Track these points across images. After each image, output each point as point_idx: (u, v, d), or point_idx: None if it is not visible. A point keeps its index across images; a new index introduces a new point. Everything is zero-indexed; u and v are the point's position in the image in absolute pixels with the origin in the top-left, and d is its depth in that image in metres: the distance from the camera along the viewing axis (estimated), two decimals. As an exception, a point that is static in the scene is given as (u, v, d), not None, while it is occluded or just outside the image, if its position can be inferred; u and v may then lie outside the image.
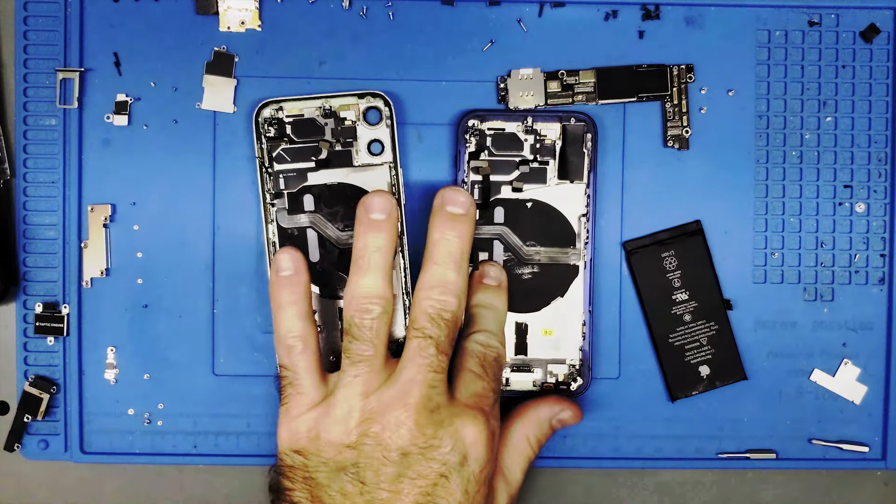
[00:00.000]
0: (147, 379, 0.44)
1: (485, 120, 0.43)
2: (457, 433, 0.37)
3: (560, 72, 0.43)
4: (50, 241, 0.44)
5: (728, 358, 0.44)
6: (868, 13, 0.44)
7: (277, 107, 0.43)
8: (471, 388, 0.39)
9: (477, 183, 0.43)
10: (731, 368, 0.44)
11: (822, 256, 0.45)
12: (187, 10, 0.43)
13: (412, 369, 0.38)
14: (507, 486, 0.41)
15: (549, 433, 0.42)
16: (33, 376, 0.44)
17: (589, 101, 0.43)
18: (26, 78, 0.43)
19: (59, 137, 0.44)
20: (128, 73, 0.44)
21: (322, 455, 0.38)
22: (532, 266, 0.44)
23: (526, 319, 0.44)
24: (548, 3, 0.44)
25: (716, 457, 0.45)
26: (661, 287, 0.44)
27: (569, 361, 0.44)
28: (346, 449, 0.37)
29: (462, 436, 0.37)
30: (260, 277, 0.44)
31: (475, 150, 0.43)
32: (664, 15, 0.44)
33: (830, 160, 0.45)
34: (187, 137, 0.44)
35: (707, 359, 0.44)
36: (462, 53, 0.44)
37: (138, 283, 0.44)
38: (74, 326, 0.44)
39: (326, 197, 0.43)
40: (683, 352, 0.44)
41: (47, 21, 0.43)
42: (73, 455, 0.44)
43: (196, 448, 0.45)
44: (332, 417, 0.38)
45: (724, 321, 0.44)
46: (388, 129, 0.43)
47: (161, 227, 0.44)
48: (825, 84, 0.44)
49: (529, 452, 0.41)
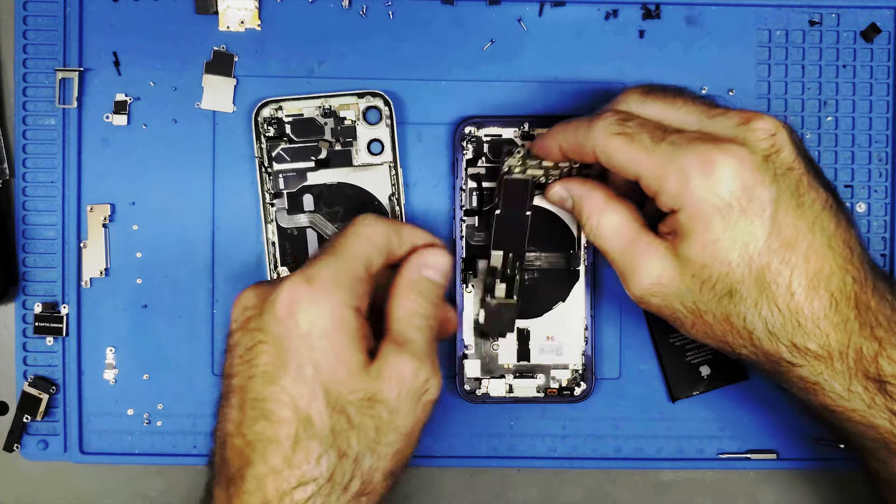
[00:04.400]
0: (147, 379, 0.44)
1: (481, 126, 0.43)
2: (265, 298, 0.35)
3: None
4: (49, 241, 0.44)
5: (729, 358, 0.44)
6: (869, 13, 0.44)
7: (277, 106, 0.43)
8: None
9: (475, 190, 0.43)
10: (731, 368, 0.44)
11: (822, 256, 0.45)
12: (187, 10, 0.43)
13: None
14: (399, 347, 0.35)
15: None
16: (33, 376, 0.44)
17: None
18: (26, 78, 0.43)
19: (58, 137, 0.43)
20: (127, 73, 0.44)
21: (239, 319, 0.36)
22: (533, 272, 0.44)
23: (528, 325, 0.44)
24: (548, 3, 0.44)
25: (717, 457, 0.45)
26: (661, 287, 0.44)
27: (571, 366, 0.44)
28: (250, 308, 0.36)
29: (270, 299, 0.34)
30: (260, 277, 0.44)
31: (472, 156, 0.43)
32: (664, 14, 0.44)
33: (831, 160, 0.44)
34: (187, 137, 0.44)
35: (708, 359, 0.44)
36: (462, 53, 0.44)
37: (138, 283, 0.44)
38: (74, 326, 0.44)
39: (326, 197, 0.43)
40: (684, 352, 0.44)
41: (47, 21, 0.43)
42: (72, 455, 0.44)
43: (196, 448, 0.44)
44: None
45: (725, 321, 0.44)
46: (387, 128, 0.43)
47: (161, 227, 0.44)
48: (826, 84, 0.44)
49: (425, 300, 0.37)
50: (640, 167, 0.35)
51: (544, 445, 0.45)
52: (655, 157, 0.34)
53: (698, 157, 0.33)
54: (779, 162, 0.34)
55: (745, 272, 0.34)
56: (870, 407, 0.35)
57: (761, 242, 0.34)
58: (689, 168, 0.33)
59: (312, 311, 0.34)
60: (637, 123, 0.35)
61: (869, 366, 0.34)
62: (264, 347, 0.34)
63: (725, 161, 0.33)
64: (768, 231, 0.34)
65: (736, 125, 0.34)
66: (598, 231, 0.37)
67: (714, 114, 0.35)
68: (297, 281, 0.34)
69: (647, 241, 0.36)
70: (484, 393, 0.44)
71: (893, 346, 0.34)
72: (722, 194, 0.33)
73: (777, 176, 0.34)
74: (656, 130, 0.35)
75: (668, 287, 0.36)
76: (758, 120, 0.34)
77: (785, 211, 0.34)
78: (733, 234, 0.34)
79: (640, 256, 0.36)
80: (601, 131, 0.35)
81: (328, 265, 0.35)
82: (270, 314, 0.34)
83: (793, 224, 0.34)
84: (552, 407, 0.44)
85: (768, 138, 0.34)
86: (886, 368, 0.34)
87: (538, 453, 0.45)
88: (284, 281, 0.35)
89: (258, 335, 0.34)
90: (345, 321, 0.34)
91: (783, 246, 0.34)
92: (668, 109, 0.36)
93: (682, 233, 0.35)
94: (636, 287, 0.36)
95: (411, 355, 0.35)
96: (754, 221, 0.33)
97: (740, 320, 0.35)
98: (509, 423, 0.45)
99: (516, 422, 0.45)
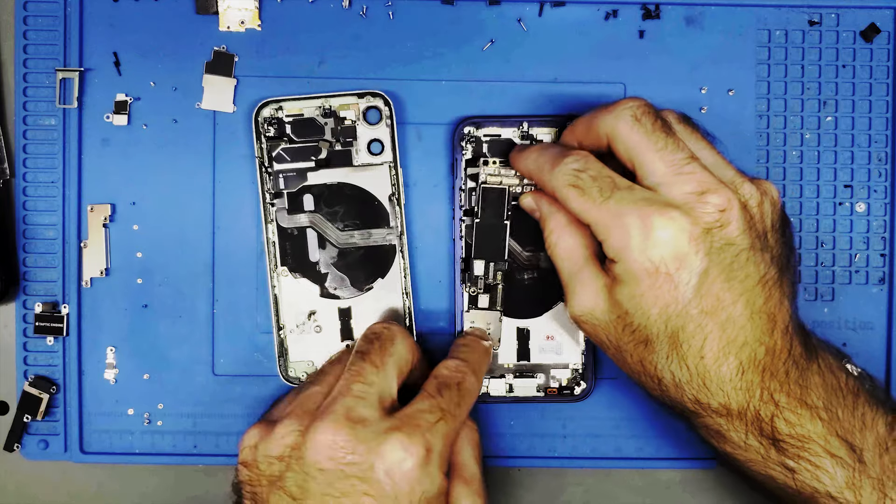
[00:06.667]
0: (147, 379, 0.44)
1: (480, 126, 0.43)
2: (378, 450, 0.35)
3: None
4: (50, 241, 0.44)
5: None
6: (868, 13, 0.44)
7: (277, 106, 0.43)
8: (414, 406, 0.37)
9: (473, 190, 0.43)
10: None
11: (822, 256, 0.45)
12: (187, 10, 0.43)
13: (342, 383, 0.37)
14: (467, 485, 0.38)
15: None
16: (33, 376, 0.44)
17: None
18: (26, 78, 0.43)
19: (58, 137, 0.44)
20: (127, 73, 0.44)
21: (259, 467, 0.37)
22: (532, 271, 0.44)
23: (527, 325, 0.44)
24: (548, 3, 0.44)
25: (717, 457, 0.45)
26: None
27: (571, 366, 0.44)
28: (276, 461, 0.37)
29: (382, 452, 0.35)
30: (260, 277, 0.44)
31: (472, 157, 0.43)
32: (664, 14, 0.44)
33: (831, 160, 0.45)
34: (187, 137, 0.44)
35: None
36: (462, 53, 0.44)
37: (138, 283, 0.44)
38: (74, 326, 0.44)
39: (326, 196, 0.43)
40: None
41: (47, 21, 0.43)
42: (72, 455, 0.44)
43: (196, 448, 0.44)
44: (274, 431, 0.37)
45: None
46: (387, 128, 0.43)
47: (161, 226, 0.44)
48: (825, 84, 0.44)
49: (474, 436, 0.40)
50: (590, 217, 0.37)
51: (544, 445, 0.45)
52: (603, 211, 0.36)
53: (639, 218, 0.35)
54: (719, 236, 0.36)
55: (661, 328, 0.36)
56: (764, 459, 0.37)
57: (680, 306, 0.36)
58: (629, 227, 0.36)
59: (426, 482, 0.36)
60: (590, 176, 0.37)
61: (765, 426, 0.36)
62: (367, 500, 0.35)
63: (663, 226, 0.35)
64: (689, 298, 0.35)
65: (690, 192, 0.36)
66: (554, 250, 0.39)
67: (682, 172, 0.36)
68: (418, 447, 0.35)
69: (590, 273, 0.38)
70: (484, 392, 0.44)
71: (791, 410, 0.36)
72: (653, 257, 0.35)
73: (713, 249, 0.35)
74: (607, 185, 0.37)
75: (597, 319, 0.38)
76: (712, 194, 0.36)
77: (712, 282, 0.35)
78: (656, 294, 0.36)
79: (581, 285, 0.38)
80: (559, 178, 0.38)
81: (444, 437, 0.37)
82: (382, 468, 0.35)
83: (717, 295, 0.35)
84: (552, 407, 0.44)
85: (716, 213, 0.36)
86: (783, 429, 0.36)
87: (538, 453, 0.45)
88: (401, 441, 0.35)
89: (363, 485, 0.35)
90: (443, 490, 0.37)
91: (702, 313, 0.36)
92: (652, 143, 0.37)
93: (617, 279, 0.37)
94: (571, 310, 0.39)
95: (479, 495, 0.38)
96: (679, 287, 0.35)
97: (652, 367, 0.37)
98: (509, 422, 0.45)
99: (516, 421, 0.45)
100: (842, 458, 0.36)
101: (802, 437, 0.36)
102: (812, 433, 0.36)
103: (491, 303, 0.43)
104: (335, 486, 0.35)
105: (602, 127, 0.38)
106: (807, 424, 0.36)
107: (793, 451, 0.36)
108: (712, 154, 0.38)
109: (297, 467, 0.36)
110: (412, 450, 0.35)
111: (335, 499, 0.35)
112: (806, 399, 0.36)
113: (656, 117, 0.37)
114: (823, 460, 0.36)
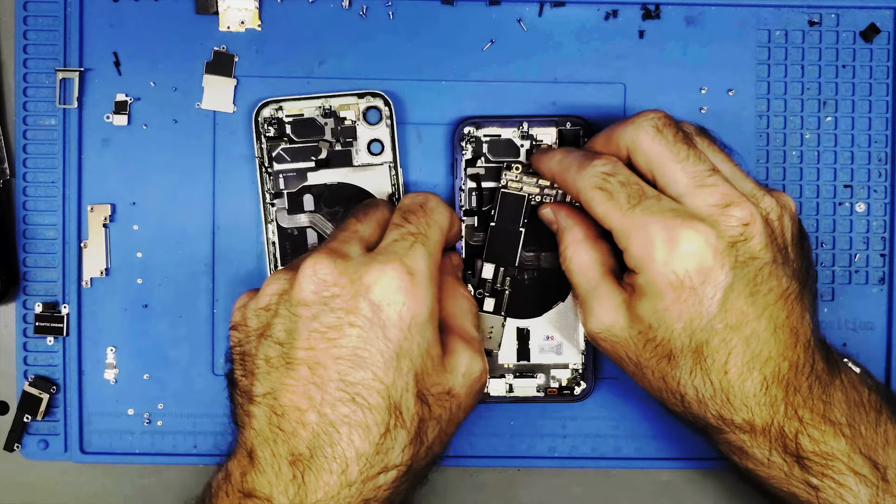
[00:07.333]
0: (147, 379, 0.44)
1: (480, 126, 0.43)
2: (358, 280, 0.35)
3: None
4: (50, 241, 0.44)
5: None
6: (868, 13, 0.44)
7: (277, 106, 0.43)
8: (386, 239, 0.37)
9: (473, 190, 0.43)
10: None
11: (822, 256, 0.45)
12: (187, 10, 0.43)
13: (329, 236, 0.38)
14: (467, 343, 0.38)
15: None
16: (33, 376, 0.44)
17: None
18: (26, 78, 0.43)
19: (58, 137, 0.44)
20: (127, 73, 0.44)
21: (248, 324, 0.37)
22: (532, 272, 0.44)
23: (527, 325, 0.44)
24: (548, 3, 0.44)
25: (716, 457, 0.45)
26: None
27: (571, 366, 0.44)
28: (263, 312, 0.37)
29: (364, 282, 0.35)
30: (260, 277, 0.44)
31: (472, 157, 0.43)
32: (664, 15, 0.44)
33: (830, 160, 0.45)
34: (187, 137, 0.44)
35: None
36: (462, 53, 0.44)
37: (138, 283, 0.44)
38: (74, 326, 0.44)
39: (326, 197, 0.43)
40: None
41: (47, 21, 0.43)
42: (72, 455, 0.44)
43: (196, 448, 0.44)
44: (262, 286, 0.37)
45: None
46: (388, 128, 0.43)
47: (161, 227, 0.44)
48: (825, 84, 0.44)
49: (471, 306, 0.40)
50: (614, 224, 0.36)
51: (544, 445, 0.45)
52: (628, 219, 0.36)
53: (665, 229, 0.35)
54: (743, 250, 0.35)
55: (685, 343, 0.36)
56: (787, 476, 0.36)
57: (705, 321, 0.35)
58: (654, 238, 0.35)
59: (414, 305, 0.35)
60: (619, 182, 0.36)
61: (789, 442, 0.36)
62: (354, 331, 0.34)
63: (689, 239, 0.35)
64: (714, 313, 0.35)
65: (714, 205, 0.35)
66: (570, 264, 0.39)
67: (705, 184, 0.36)
68: (399, 272, 0.35)
69: (608, 288, 0.38)
70: (484, 392, 0.44)
71: (815, 426, 0.36)
72: (678, 271, 0.35)
73: (738, 263, 0.35)
74: (635, 192, 0.36)
75: (616, 336, 0.38)
76: (736, 207, 0.35)
77: (736, 297, 0.35)
78: (680, 308, 0.35)
79: (598, 301, 0.38)
80: (586, 180, 0.37)
81: (424, 259, 0.36)
82: (365, 299, 0.35)
83: (741, 310, 0.35)
84: (552, 406, 0.44)
85: (739, 227, 0.35)
86: (807, 446, 0.36)
87: (538, 453, 0.45)
88: (380, 265, 0.35)
89: (348, 316, 0.34)
90: (434, 316, 0.36)
91: (726, 328, 0.35)
92: (674, 155, 0.36)
93: (638, 291, 0.36)
94: (589, 327, 0.38)
95: (479, 353, 0.38)
96: (703, 301, 0.35)
97: (675, 382, 0.37)
98: (509, 422, 0.45)
99: (516, 421, 0.45)
100: (865, 477, 0.35)
101: (826, 455, 0.35)
102: (836, 450, 0.35)
103: (496, 307, 0.43)
104: (321, 321, 0.35)
105: (622, 138, 0.37)
106: (830, 441, 0.35)
107: (817, 469, 0.36)
108: (731, 167, 0.38)
109: (283, 311, 0.36)
110: (392, 274, 0.35)
111: (321, 334, 0.35)
112: (829, 415, 0.36)
113: (678, 129, 0.37)
114: (847, 478, 0.35)
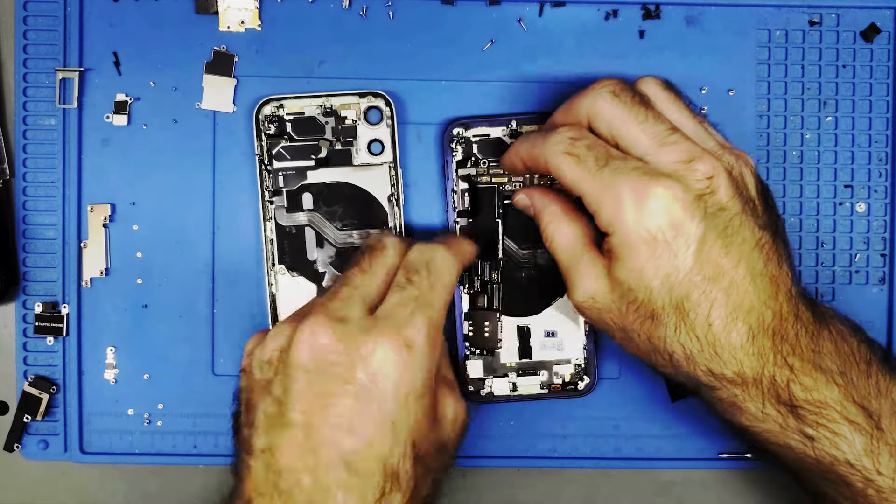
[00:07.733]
0: (147, 379, 0.44)
1: (469, 127, 0.43)
2: (356, 349, 0.35)
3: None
4: (50, 241, 0.44)
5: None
6: (868, 13, 0.44)
7: (278, 104, 0.43)
8: (387, 302, 0.37)
9: (466, 191, 0.43)
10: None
11: (822, 256, 0.45)
12: (187, 10, 0.43)
13: (331, 289, 0.38)
14: (451, 390, 0.39)
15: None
16: (33, 376, 0.44)
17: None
18: (26, 78, 0.43)
19: (58, 137, 0.44)
20: (127, 73, 0.44)
21: (254, 374, 0.37)
22: (529, 269, 0.44)
23: (527, 322, 0.44)
24: (548, 3, 0.44)
25: (717, 457, 0.45)
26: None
27: (574, 361, 0.44)
28: (266, 366, 0.37)
29: (361, 352, 0.35)
30: (260, 277, 0.44)
31: (462, 158, 0.43)
32: (664, 14, 0.44)
33: (831, 160, 0.45)
34: (187, 137, 0.44)
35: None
36: (462, 53, 0.44)
37: (138, 283, 0.44)
38: (74, 326, 0.44)
39: (325, 196, 0.43)
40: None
41: (47, 21, 0.43)
42: (72, 455, 0.44)
43: (196, 448, 0.44)
44: (267, 336, 0.37)
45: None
46: (388, 128, 0.43)
47: (161, 226, 0.44)
48: (825, 84, 0.44)
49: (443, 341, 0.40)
50: (584, 188, 0.36)
51: (544, 445, 0.45)
52: (597, 181, 0.36)
53: (633, 189, 0.35)
54: (711, 202, 0.36)
55: (665, 300, 0.36)
56: (783, 428, 0.36)
57: (682, 274, 0.35)
58: (623, 196, 0.35)
59: (410, 380, 0.35)
60: (586, 145, 0.37)
61: (782, 391, 0.36)
62: (350, 400, 0.35)
63: (657, 195, 0.35)
64: (690, 265, 0.35)
65: (677, 161, 0.36)
66: (552, 242, 0.39)
67: (666, 142, 0.36)
68: (396, 345, 0.35)
69: (589, 259, 0.38)
70: (488, 393, 0.44)
71: (806, 374, 0.36)
72: (649, 227, 0.35)
73: (707, 215, 0.35)
74: (602, 153, 0.36)
75: (600, 304, 0.38)
76: (699, 162, 0.36)
77: (710, 248, 0.35)
78: (656, 264, 0.35)
79: (580, 272, 0.38)
80: (552, 147, 0.37)
81: (424, 328, 0.36)
82: (363, 370, 0.35)
83: (716, 261, 0.35)
84: (552, 406, 0.44)
85: (704, 180, 0.36)
86: (798, 394, 0.36)
87: (538, 453, 0.45)
88: (377, 336, 0.35)
89: (345, 386, 0.35)
90: (431, 384, 0.37)
91: (705, 280, 0.35)
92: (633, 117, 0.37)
93: (614, 255, 0.36)
94: (573, 298, 0.39)
95: (459, 396, 0.39)
96: (678, 255, 0.35)
97: (661, 342, 0.37)
98: (509, 422, 0.45)
99: (517, 421, 0.45)
100: (859, 425, 0.35)
101: (819, 403, 0.35)
102: (829, 398, 0.35)
103: (489, 303, 0.43)
104: (317, 386, 0.35)
105: (581, 108, 0.38)
106: (823, 389, 0.35)
107: (811, 419, 0.36)
108: (694, 123, 0.38)
109: (283, 370, 0.36)
110: (389, 348, 0.35)
111: (318, 399, 0.35)
112: (820, 363, 0.36)
113: (634, 93, 0.37)
114: (841, 427, 0.35)
